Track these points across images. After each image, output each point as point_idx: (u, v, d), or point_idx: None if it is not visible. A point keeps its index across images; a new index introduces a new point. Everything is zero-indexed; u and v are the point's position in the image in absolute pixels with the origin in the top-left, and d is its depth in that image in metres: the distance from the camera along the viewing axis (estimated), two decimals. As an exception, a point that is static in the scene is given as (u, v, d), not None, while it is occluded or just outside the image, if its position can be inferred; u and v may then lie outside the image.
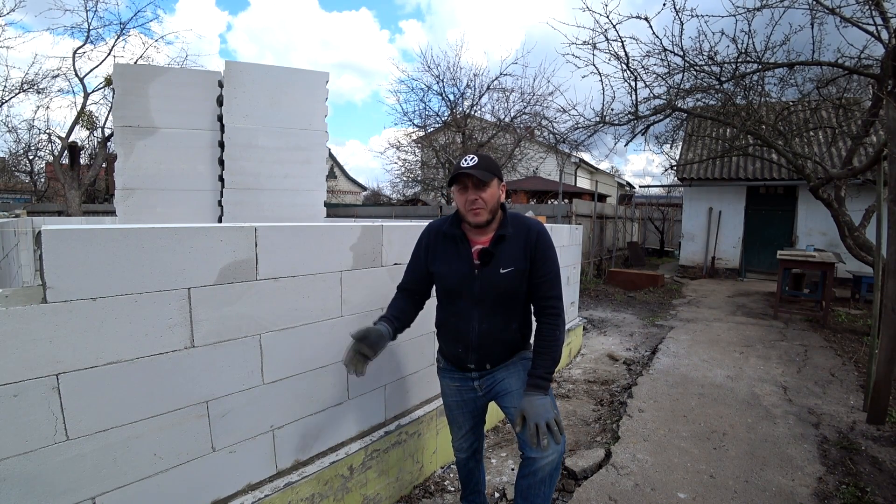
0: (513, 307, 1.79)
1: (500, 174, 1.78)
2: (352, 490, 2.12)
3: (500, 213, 1.80)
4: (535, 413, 1.61)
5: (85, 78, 12.18)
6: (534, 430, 1.60)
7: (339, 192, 27.59)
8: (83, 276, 1.30)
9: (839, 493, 2.48)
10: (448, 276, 1.80)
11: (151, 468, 1.48)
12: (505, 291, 1.75)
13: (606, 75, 6.68)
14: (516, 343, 1.85)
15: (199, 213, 3.29)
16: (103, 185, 15.76)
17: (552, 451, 1.69)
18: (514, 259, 1.73)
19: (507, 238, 1.75)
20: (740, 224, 11.66)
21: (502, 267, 1.72)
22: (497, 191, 1.75)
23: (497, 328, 1.79)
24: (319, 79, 3.45)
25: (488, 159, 1.75)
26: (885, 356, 3.30)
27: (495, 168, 1.75)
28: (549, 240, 1.79)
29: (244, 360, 1.72)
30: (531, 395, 1.65)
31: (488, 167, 1.71)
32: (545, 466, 1.71)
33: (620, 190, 19.18)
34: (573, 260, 4.86)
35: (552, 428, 1.61)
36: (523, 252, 1.74)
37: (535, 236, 1.75)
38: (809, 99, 7.28)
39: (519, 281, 1.75)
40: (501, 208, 1.81)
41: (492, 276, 1.73)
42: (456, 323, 1.83)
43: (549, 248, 1.77)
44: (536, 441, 1.59)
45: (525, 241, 1.75)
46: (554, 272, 1.77)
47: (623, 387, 4.10)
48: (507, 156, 12.99)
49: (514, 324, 1.82)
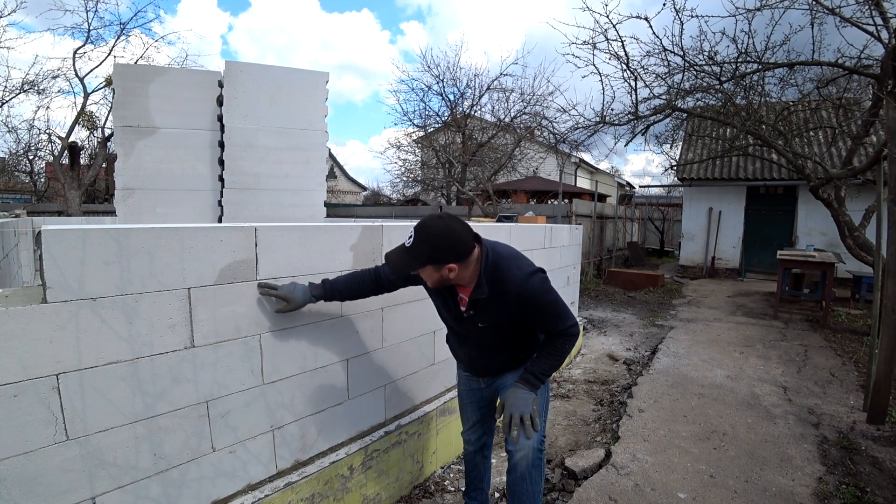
0: (502, 347, 1.83)
1: (439, 258, 1.53)
2: (352, 490, 2.12)
3: (475, 269, 1.62)
4: (512, 404, 1.65)
5: (85, 78, 12.19)
6: (508, 420, 1.64)
7: (339, 192, 27.58)
8: (83, 277, 1.30)
9: (839, 493, 2.48)
10: (439, 311, 1.90)
11: (152, 468, 1.48)
12: (486, 341, 1.81)
13: (606, 75, 6.67)
14: (510, 367, 1.88)
15: (199, 213, 3.29)
16: (103, 185, 15.75)
17: (522, 446, 1.74)
18: (492, 316, 1.69)
19: (480, 301, 1.65)
20: (740, 224, 11.66)
21: (480, 323, 1.73)
22: (436, 273, 1.57)
23: (487, 357, 1.88)
24: (319, 79, 3.45)
25: (424, 242, 1.51)
26: (885, 356, 3.29)
27: (428, 254, 1.52)
28: (535, 291, 1.59)
29: (244, 359, 1.72)
30: (517, 388, 1.68)
31: (418, 255, 1.52)
32: (520, 461, 1.76)
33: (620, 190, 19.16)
34: (573, 260, 4.86)
35: (525, 422, 1.63)
36: (501, 312, 1.65)
37: (516, 298, 1.59)
38: (809, 99, 7.27)
39: (501, 332, 1.75)
40: (482, 258, 1.62)
41: (472, 329, 1.77)
42: (455, 345, 2.00)
43: (539, 300, 1.60)
44: (509, 431, 1.64)
45: (503, 303, 1.63)
46: (553, 314, 1.62)
47: (623, 387, 4.10)
48: (507, 156, 12.98)
49: (505, 355, 1.85)
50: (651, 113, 7.05)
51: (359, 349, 2.21)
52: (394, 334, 2.43)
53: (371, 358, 2.28)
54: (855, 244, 6.09)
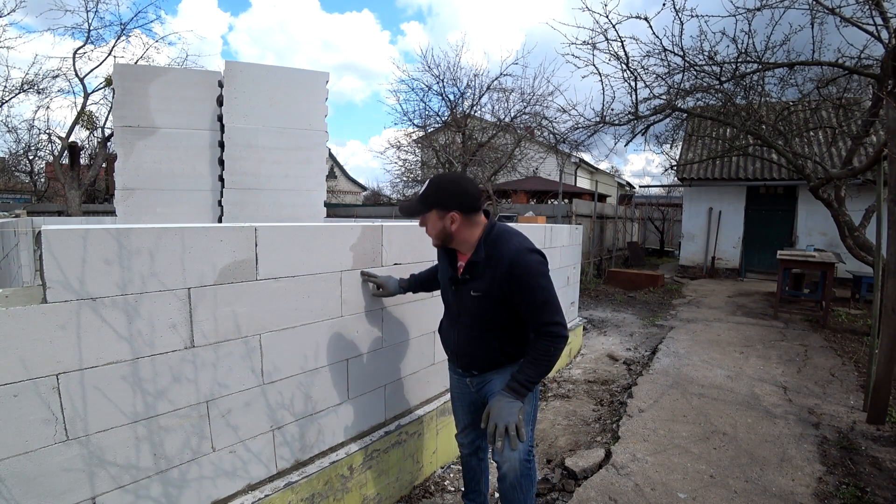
0: (492, 328, 1.76)
1: (446, 203, 1.63)
2: (352, 490, 2.12)
3: (478, 233, 1.69)
4: (496, 414, 1.59)
5: (85, 78, 12.19)
6: (492, 431, 1.58)
7: (339, 192, 27.58)
8: (83, 276, 1.30)
9: (839, 493, 2.48)
10: (441, 282, 1.92)
11: (152, 468, 1.48)
12: (477, 314, 1.75)
13: (606, 75, 6.66)
14: (498, 361, 1.81)
15: (199, 213, 3.29)
16: (103, 185, 15.75)
17: (508, 458, 1.70)
18: (483, 286, 1.68)
19: (478, 264, 1.68)
20: (740, 224, 11.67)
21: (473, 291, 1.71)
22: (439, 222, 1.65)
23: (475, 343, 1.81)
24: (319, 79, 3.45)
25: (435, 187, 1.65)
26: (885, 356, 3.30)
27: (435, 198, 1.64)
28: (529, 266, 1.60)
29: (244, 359, 1.72)
30: (503, 396, 1.61)
31: (426, 198, 1.65)
32: (508, 472, 1.74)
33: (620, 190, 19.16)
34: (573, 260, 4.87)
35: (510, 432, 1.56)
36: (492, 282, 1.65)
37: (507, 267, 1.60)
38: (809, 99, 7.27)
39: (491, 308, 1.70)
40: (487, 226, 1.70)
41: (465, 297, 1.76)
42: (447, 327, 1.96)
43: (531, 276, 1.59)
44: (493, 441, 1.58)
45: (495, 272, 1.64)
46: (542, 299, 1.60)
47: (623, 387, 4.10)
48: (507, 156, 12.97)
49: (493, 342, 1.78)
50: (651, 113, 7.04)
51: (359, 349, 2.21)
52: (394, 334, 2.43)
53: (371, 358, 2.28)
54: (855, 244, 6.09)
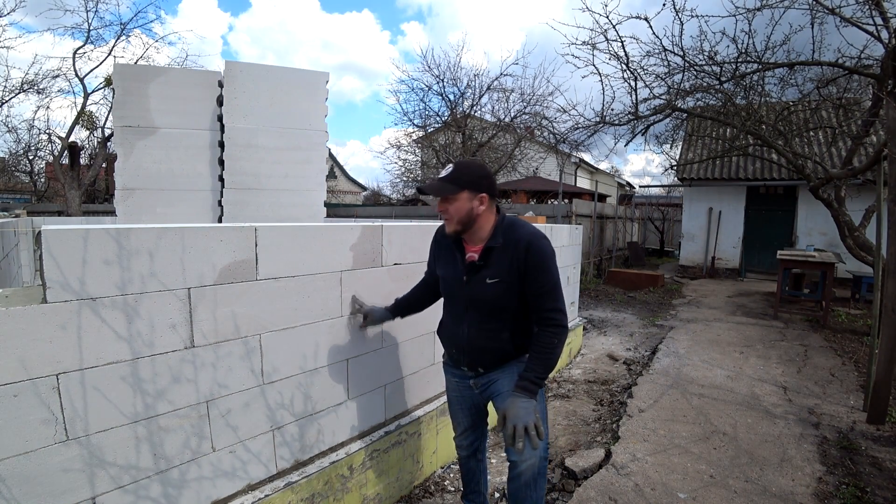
0: (503, 317, 1.76)
1: (478, 184, 1.67)
2: (352, 490, 2.12)
3: (493, 220, 1.73)
4: (514, 415, 1.58)
5: (85, 78, 12.20)
6: (511, 432, 1.58)
7: (339, 192, 27.57)
8: (83, 276, 1.30)
9: (839, 493, 2.48)
10: (445, 279, 1.88)
11: (152, 468, 1.48)
12: (492, 302, 1.74)
13: (606, 75, 6.66)
14: (508, 353, 1.80)
15: (199, 213, 3.29)
16: (103, 185, 15.76)
17: (529, 456, 1.70)
18: (501, 271, 1.69)
19: (495, 250, 1.70)
20: (740, 224, 11.67)
21: (489, 277, 1.71)
22: (468, 203, 1.66)
23: (486, 335, 1.78)
24: (319, 79, 3.45)
25: (464, 168, 1.68)
26: (885, 356, 3.30)
27: (467, 179, 1.66)
28: (544, 250, 1.67)
29: (244, 359, 1.72)
30: (516, 397, 1.61)
31: (456, 179, 1.65)
32: (526, 471, 1.73)
33: (620, 190, 19.17)
34: (573, 260, 4.86)
35: (530, 432, 1.57)
36: (510, 265, 1.67)
37: (525, 249, 1.65)
38: (809, 99, 7.27)
39: (507, 293, 1.70)
40: (499, 215, 1.75)
41: (478, 285, 1.73)
42: (451, 325, 1.90)
43: (544, 260, 1.66)
44: (513, 442, 1.58)
45: (513, 254, 1.67)
46: (550, 284, 1.66)
47: (623, 387, 4.10)
48: (507, 156, 12.98)
49: (504, 333, 1.77)
50: (651, 113, 7.04)
51: (359, 349, 2.21)
52: (394, 334, 2.43)
53: (371, 358, 2.29)
54: (855, 244, 6.09)
